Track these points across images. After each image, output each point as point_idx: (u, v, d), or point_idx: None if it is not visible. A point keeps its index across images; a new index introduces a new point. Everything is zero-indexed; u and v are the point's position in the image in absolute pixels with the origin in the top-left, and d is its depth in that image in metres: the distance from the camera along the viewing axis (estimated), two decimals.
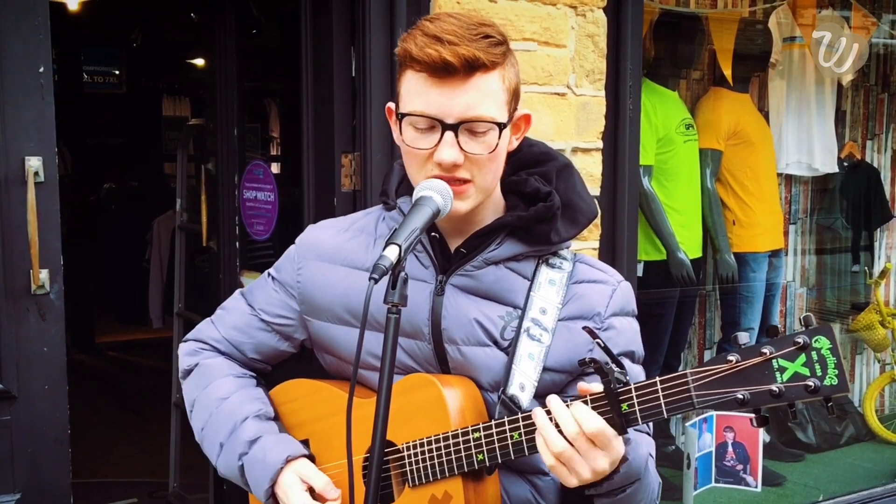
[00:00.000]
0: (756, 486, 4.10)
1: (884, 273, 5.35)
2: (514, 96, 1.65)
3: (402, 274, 1.44)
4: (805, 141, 4.84)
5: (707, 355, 4.80)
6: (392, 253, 1.43)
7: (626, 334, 1.73)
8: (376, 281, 1.40)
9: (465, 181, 1.61)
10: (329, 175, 2.86)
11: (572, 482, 1.48)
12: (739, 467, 4.13)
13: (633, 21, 3.16)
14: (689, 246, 4.20)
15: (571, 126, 2.98)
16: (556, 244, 1.73)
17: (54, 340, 2.47)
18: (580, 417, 1.46)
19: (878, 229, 5.47)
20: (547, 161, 1.76)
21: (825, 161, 4.91)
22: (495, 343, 1.68)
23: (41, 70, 2.41)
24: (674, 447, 4.39)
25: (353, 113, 2.83)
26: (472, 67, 1.55)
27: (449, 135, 1.57)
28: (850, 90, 5.21)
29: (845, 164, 5.18)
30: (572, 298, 1.71)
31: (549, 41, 2.92)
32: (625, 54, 3.15)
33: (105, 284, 8.39)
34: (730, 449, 4.15)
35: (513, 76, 1.64)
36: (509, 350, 1.67)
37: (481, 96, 1.57)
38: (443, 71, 1.55)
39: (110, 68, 9.88)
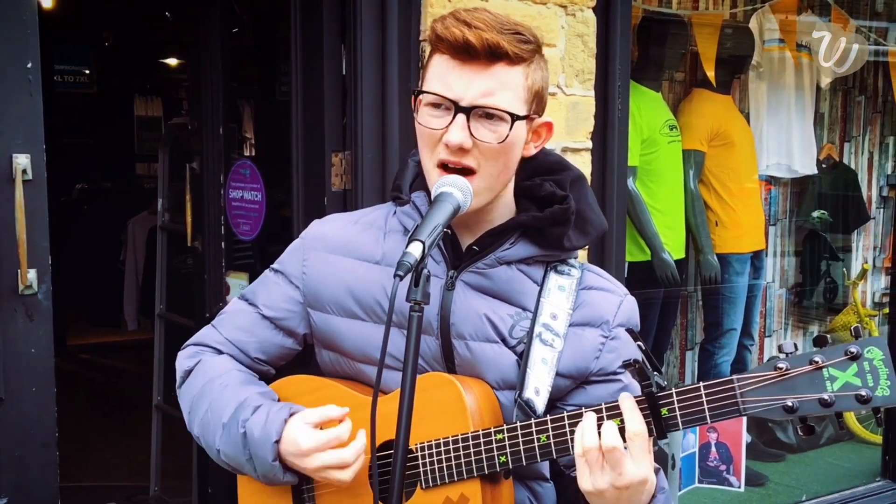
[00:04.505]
0: (739, 487, 4.12)
1: (861, 274, 5.40)
2: (537, 98, 1.64)
3: (425, 271, 1.41)
4: (784, 143, 4.87)
5: (689, 356, 4.81)
6: (416, 249, 1.41)
7: (631, 347, 1.70)
8: (401, 278, 1.38)
9: (471, 171, 1.60)
10: (319, 174, 2.82)
11: (585, 486, 1.47)
12: (723, 467, 4.14)
13: (622, 21, 3.16)
14: (673, 247, 4.21)
15: (561, 126, 2.97)
16: (567, 250, 1.72)
17: (42, 342, 2.42)
18: (604, 430, 1.45)
19: (856, 231, 5.52)
20: (562, 170, 1.76)
21: (804, 163, 4.94)
22: (503, 341, 1.67)
23: (29, 66, 2.36)
24: (657, 448, 4.40)
25: (344, 112, 2.81)
26: (494, 55, 1.55)
27: (461, 117, 1.56)
28: (829, 93, 5.24)
29: (823, 165, 5.22)
30: (581, 305, 1.71)
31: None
32: (613, 54, 3.15)
33: (77, 286, 8.28)
34: (713, 449, 4.16)
35: (538, 79, 1.63)
36: (518, 350, 1.66)
37: (500, 86, 1.57)
38: (464, 52, 1.54)
39: (81, 67, 9.75)
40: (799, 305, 5.41)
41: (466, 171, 1.59)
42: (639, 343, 1.47)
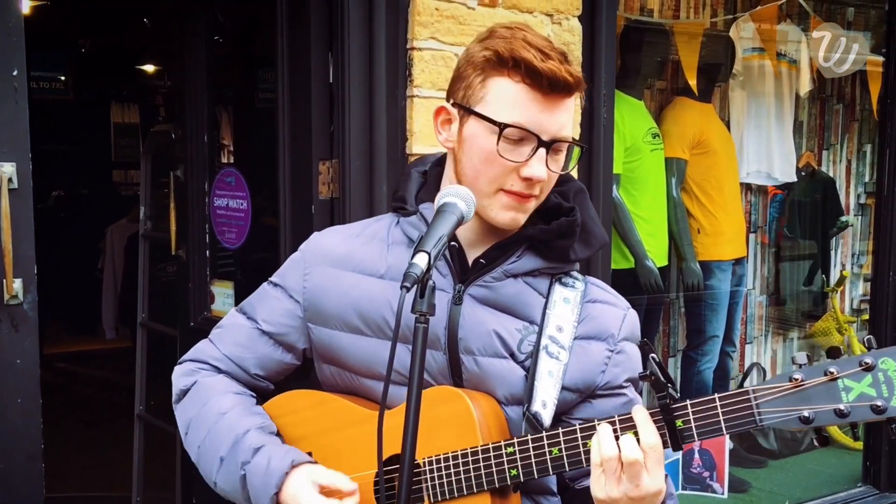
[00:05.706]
0: (722, 493, 4.12)
1: (840, 281, 5.44)
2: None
3: (430, 282, 1.40)
4: (764, 150, 4.90)
5: (672, 363, 4.83)
6: (422, 261, 1.39)
7: (634, 361, 1.72)
8: (408, 289, 1.36)
9: (534, 197, 1.62)
10: (306, 183, 2.80)
11: (598, 494, 1.47)
12: (706, 474, 4.14)
13: (607, 30, 3.17)
14: (656, 254, 4.22)
15: None
16: (572, 262, 1.73)
17: (28, 352, 2.39)
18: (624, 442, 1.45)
19: (834, 238, 5.56)
20: (564, 182, 1.76)
21: (784, 170, 4.98)
22: (512, 356, 1.66)
23: (15, 73, 2.33)
24: None
25: (331, 119, 2.79)
26: (573, 89, 1.57)
27: (542, 151, 1.58)
28: (807, 101, 5.29)
29: (803, 173, 5.27)
30: (587, 318, 1.70)
31: None
32: (599, 63, 3.15)
33: (54, 294, 8.20)
34: (696, 456, 4.16)
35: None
36: (526, 365, 1.65)
37: (569, 117, 1.61)
38: (552, 87, 1.54)
39: (57, 74, 9.67)
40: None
41: (531, 198, 1.62)
42: (653, 355, 1.47)
